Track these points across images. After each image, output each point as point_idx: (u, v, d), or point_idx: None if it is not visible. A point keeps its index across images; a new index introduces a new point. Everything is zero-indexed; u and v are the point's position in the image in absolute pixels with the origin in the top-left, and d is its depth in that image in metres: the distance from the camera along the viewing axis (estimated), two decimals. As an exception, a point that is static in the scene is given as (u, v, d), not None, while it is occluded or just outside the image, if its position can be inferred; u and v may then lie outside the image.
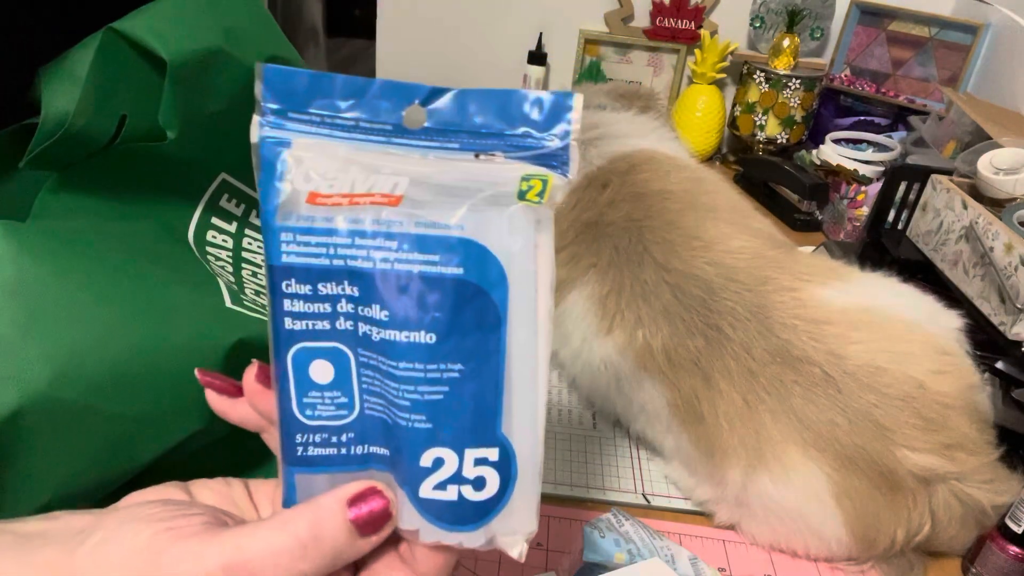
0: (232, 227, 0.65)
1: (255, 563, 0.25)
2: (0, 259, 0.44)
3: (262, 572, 0.25)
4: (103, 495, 0.53)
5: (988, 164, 0.76)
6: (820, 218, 1.10)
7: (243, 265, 0.63)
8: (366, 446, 0.28)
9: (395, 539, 0.29)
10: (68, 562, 0.26)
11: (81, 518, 0.28)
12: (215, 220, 0.64)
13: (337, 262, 0.26)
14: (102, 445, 0.49)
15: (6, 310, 0.44)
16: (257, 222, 0.65)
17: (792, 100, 1.24)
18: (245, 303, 0.58)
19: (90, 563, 0.26)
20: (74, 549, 0.26)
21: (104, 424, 0.48)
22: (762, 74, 1.25)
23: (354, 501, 0.27)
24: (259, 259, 0.65)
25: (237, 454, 0.62)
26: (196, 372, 0.33)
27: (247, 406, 0.32)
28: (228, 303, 0.56)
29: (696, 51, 1.31)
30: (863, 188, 1.02)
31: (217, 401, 0.32)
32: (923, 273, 0.79)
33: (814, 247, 0.90)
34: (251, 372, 0.31)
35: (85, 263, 0.49)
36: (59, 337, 0.45)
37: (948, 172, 0.82)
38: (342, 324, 0.27)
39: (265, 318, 0.57)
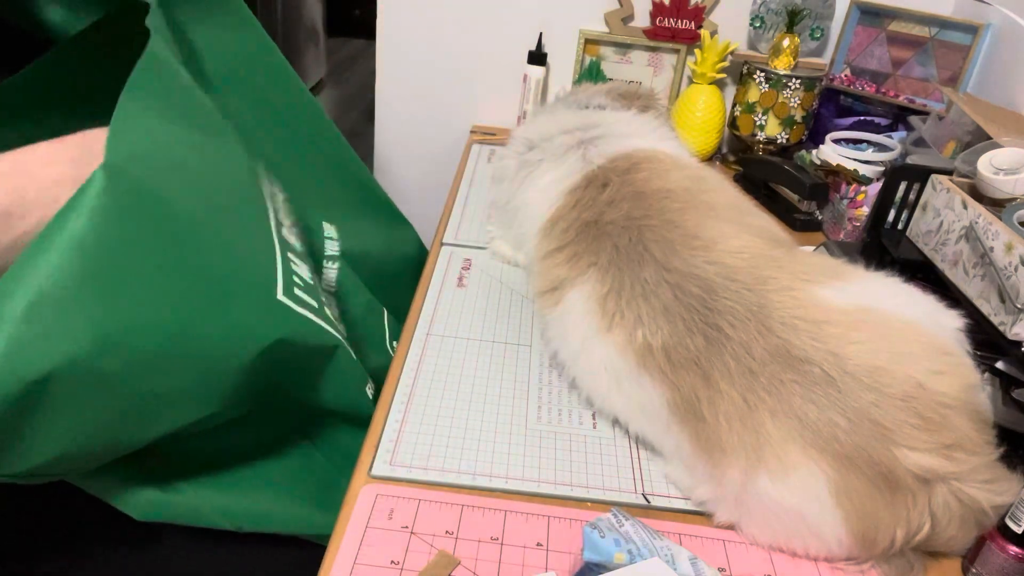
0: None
1: None
2: (78, 209, 0.43)
3: None
4: (106, 462, 0.53)
5: (988, 164, 0.76)
6: (820, 218, 1.10)
7: (288, 252, 0.62)
8: None
9: None
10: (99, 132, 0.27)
11: None
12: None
13: None
14: (120, 417, 0.49)
15: (69, 264, 0.42)
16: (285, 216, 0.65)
17: (792, 100, 1.24)
18: (296, 294, 0.58)
19: None
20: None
21: (129, 398, 0.48)
22: (762, 74, 1.25)
23: None
24: (297, 245, 0.65)
25: (241, 437, 0.63)
26: None
27: None
28: (279, 294, 0.55)
29: (696, 51, 1.31)
30: (863, 188, 1.02)
31: None
32: (923, 273, 0.79)
33: (814, 247, 0.90)
34: None
35: (160, 227, 0.47)
36: (113, 304, 0.44)
37: (948, 172, 0.82)
38: None
39: (309, 316, 0.57)
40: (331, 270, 0.77)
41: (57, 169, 0.45)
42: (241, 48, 0.69)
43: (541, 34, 1.34)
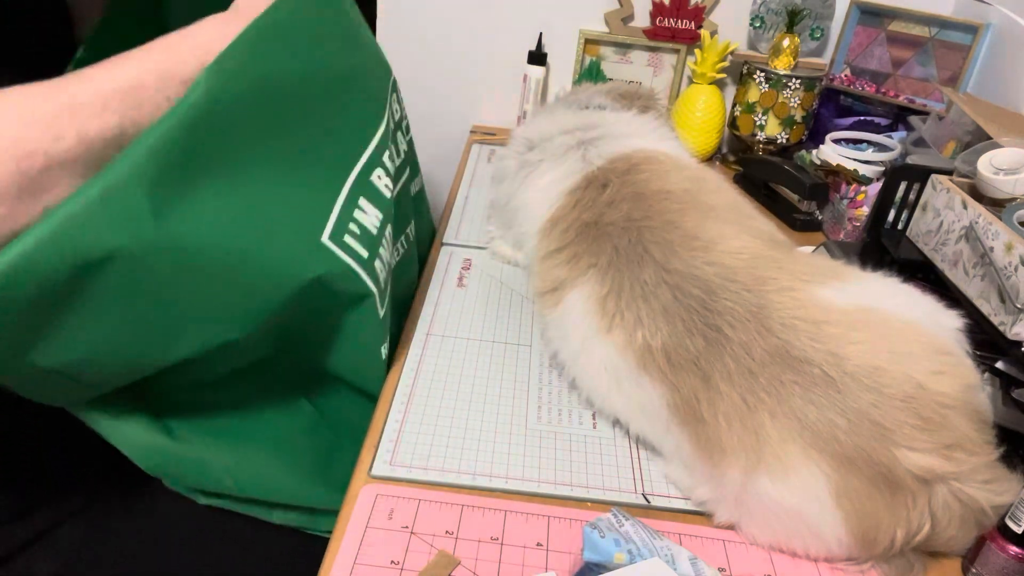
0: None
1: None
2: (177, 107, 0.46)
3: None
4: (119, 385, 0.54)
5: (988, 164, 0.76)
6: (820, 218, 1.10)
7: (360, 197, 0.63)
8: None
9: None
10: None
11: None
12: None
13: None
14: (151, 326, 0.51)
15: (142, 165, 0.45)
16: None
17: (792, 100, 1.24)
18: (345, 241, 0.59)
19: None
20: None
21: (167, 304, 0.50)
22: (762, 74, 1.25)
23: None
24: (381, 189, 0.66)
25: (250, 391, 0.63)
26: None
27: None
28: (324, 236, 0.58)
29: (696, 51, 1.31)
30: (863, 188, 1.02)
31: None
32: (923, 273, 0.79)
33: (814, 247, 0.90)
34: None
35: (238, 140, 0.51)
36: (178, 207, 0.47)
37: (948, 172, 0.82)
38: None
39: (349, 263, 0.58)
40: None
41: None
42: None
43: (541, 34, 1.34)
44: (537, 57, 1.34)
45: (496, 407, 0.68)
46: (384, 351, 0.67)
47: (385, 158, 0.66)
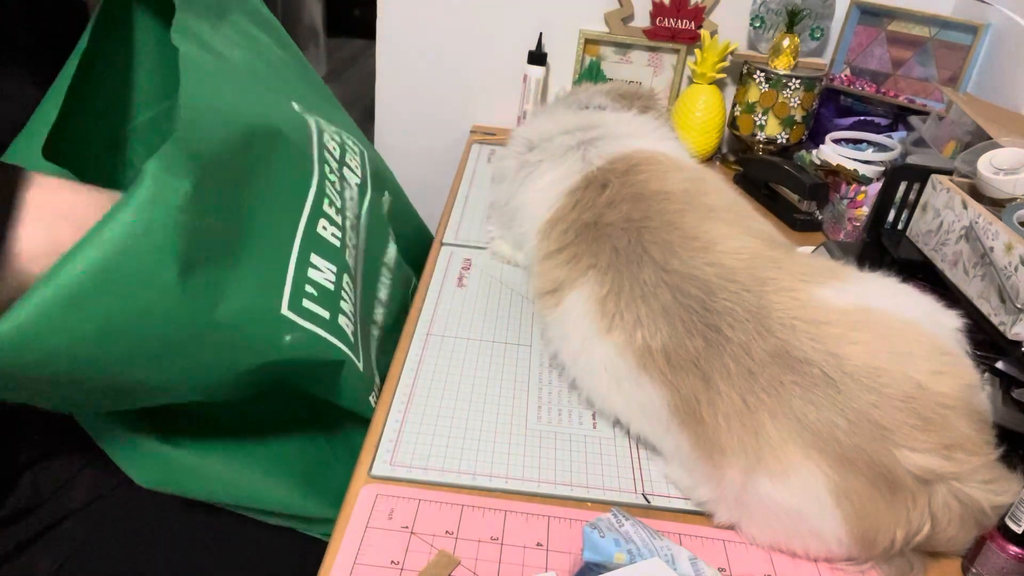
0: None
1: None
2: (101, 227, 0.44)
3: None
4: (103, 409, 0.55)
5: (988, 164, 0.76)
6: (820, 218, 1.10)
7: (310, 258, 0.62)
8: None
9: None
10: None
11: None
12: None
13: None
14: (103, 393, 0.51)
15: (88, 262, 0.43)
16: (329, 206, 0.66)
17: (792, 100, 1.24)
18: (305, 306, 0.58)
19: None
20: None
21: (117, 381, 0.49)
22: (762, 74, 1.25)
23: None
24: (328, 237, 0.65)
25: (251, 401, 0.63)
26: None
27: None
28: (284, 308, 0.56)
29: (696, 51, 1.31)
30: (863, 188, 1.02)
31: None
32: (923, 273, 0.79)
33: (814, 247, 0.90)
34: None
35: (186, 235, 0.48)
36: (121, 299, 0.45)
37: (948, 172, 0.82)
38: None
39: (315, 330, 0.57)
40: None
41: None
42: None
43: (541, 34, 1.34)
44: (537, 57, 1.34)
45: (496, 407, 0.68)
46: (373, 399, 0.67)
47: (326, 207, 0.64)
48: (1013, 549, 0.52)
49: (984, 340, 0.65)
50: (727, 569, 0.54)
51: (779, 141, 1.28)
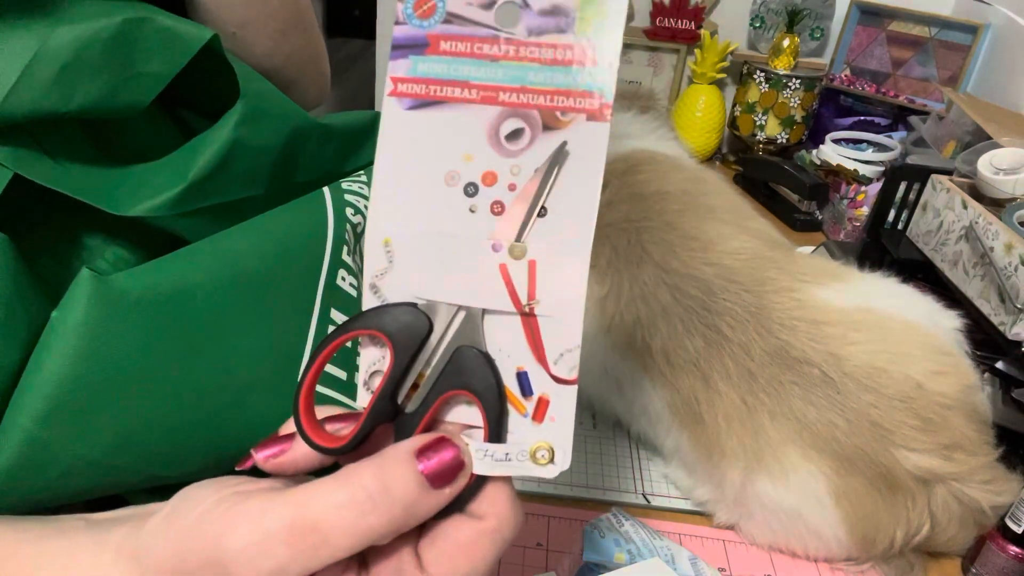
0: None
1: (320, 519, 0.23)
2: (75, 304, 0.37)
3: (328, 529, 0.23)
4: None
5: (988, 164, 0.76)
6: (820, 218, 1.10)
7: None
8: None
9: (411, 537, 0.26)
10: (136, 536, 0.26)
11: (151, 505, 0.28)
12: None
13: None
14: (119, 483, 0.48)
15: (82, 369, 0.38)
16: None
17: (792, 100, 1.24)
18: (319, 391, 0.53)
19: (157, 533, 0.26)
20: (142, 524, 0.26)
21: (134, 476, 0.46)
22: (762, 74, 1.25)
23: (422, 452, 0.25)
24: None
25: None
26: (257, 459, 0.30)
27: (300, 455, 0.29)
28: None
29: (696, 51, 1.31)
30: (863, 188, 1.02)
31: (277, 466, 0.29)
32: (923, 273, 0.79)
33: (814, 247, 0.90)
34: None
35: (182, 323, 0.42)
36: (131, 407, 0.41)
37: (948, 172, 0.82)
38: None
39: (333, 396, 0.53)
40: None
41: None
42: None
43: (541, 34, 1.34)
44: (537, 57, 1.34)
45: (496, 408, 0.68)
46: None
47: (333, 313, 0.59)
48: (1013, 549, 0.52)
49: (984, 340, 0.65)
50: (727, 569, 0.54)
51: (779, 141, 1.28)
